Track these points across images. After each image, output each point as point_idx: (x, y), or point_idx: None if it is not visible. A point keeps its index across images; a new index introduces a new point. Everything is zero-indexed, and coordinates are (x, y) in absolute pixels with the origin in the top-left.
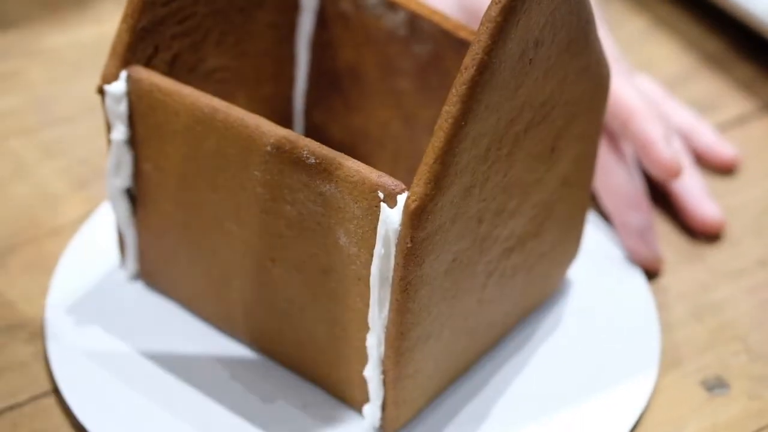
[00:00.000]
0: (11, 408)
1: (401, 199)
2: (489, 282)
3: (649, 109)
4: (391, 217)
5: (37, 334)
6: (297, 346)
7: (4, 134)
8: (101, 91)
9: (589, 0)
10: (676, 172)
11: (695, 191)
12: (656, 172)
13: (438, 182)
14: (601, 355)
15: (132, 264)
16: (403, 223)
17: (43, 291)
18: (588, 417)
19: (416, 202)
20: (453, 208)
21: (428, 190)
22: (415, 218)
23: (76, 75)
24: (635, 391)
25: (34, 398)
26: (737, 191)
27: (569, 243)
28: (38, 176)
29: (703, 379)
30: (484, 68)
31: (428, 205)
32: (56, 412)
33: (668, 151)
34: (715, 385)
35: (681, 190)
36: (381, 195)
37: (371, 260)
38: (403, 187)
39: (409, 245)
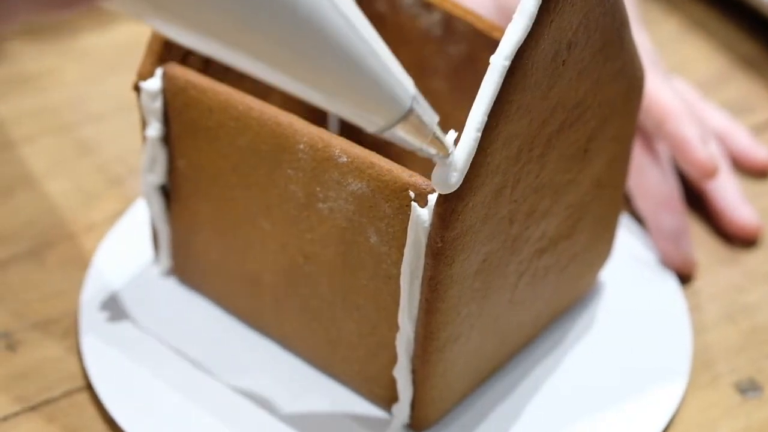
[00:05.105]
0: (46, 402)
1: (432, 198)
2: (520, 282)
3: (685, 110)
4: (422, 217)
5: (71, 329)
6: (326, 344)
7: (41, 132)
8: (137, 88)
9: (623, 2)
10: (712, 172)
11: (731, 195)
12: (692, 172)
13: (469, 182)
14: (633, 357)
15: (165, 260)
16: (434, 223)
17: (78, 286)
18: (619, 419)
19: (447, 202)
20: (484, 209)
21: (459, 190)
22: (445, 218)
23: (111, 74)
24: (667, 394)
25: (68, 393)
26: None
27: (602, 244)
28: (74, 173)
29: (736, 381)
30: (515, 69)
31: (459, 205)
32: (90, 406)
33: (704, 150)
34: (748, 388)
35: (717, 194)
36: (412, 194)
37: (401, 259)
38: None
39: (439, 245)
